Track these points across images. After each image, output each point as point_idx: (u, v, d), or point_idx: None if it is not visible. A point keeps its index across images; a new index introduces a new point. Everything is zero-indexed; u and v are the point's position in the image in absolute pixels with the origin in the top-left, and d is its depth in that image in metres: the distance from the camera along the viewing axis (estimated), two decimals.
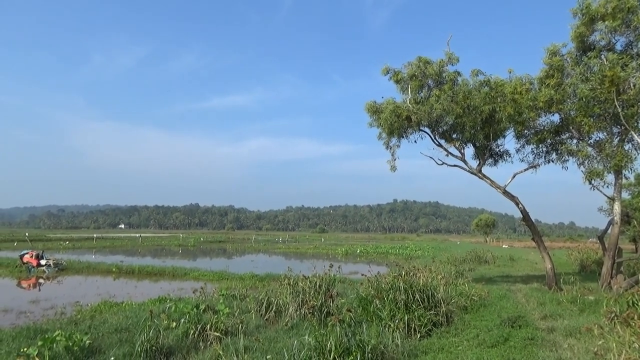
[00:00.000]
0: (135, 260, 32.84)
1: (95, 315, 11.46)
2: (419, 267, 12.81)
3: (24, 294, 18.21)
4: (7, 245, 50.28)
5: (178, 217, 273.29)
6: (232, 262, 34.44)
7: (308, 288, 10.48)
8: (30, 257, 25.29)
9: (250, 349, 7.51)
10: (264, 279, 20.14)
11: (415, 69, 17.15)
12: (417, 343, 8.17)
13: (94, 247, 51.47)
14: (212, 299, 12.67)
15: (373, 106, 17.63)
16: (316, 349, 6.88)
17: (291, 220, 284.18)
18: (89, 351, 7.80)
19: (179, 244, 60.91)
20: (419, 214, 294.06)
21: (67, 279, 21.90)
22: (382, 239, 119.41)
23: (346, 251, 47.14)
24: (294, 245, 64.65)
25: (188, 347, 8.40)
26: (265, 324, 10.26)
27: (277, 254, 46.61)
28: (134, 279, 22.38)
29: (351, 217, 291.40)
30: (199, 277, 22.23)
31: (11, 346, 8.15)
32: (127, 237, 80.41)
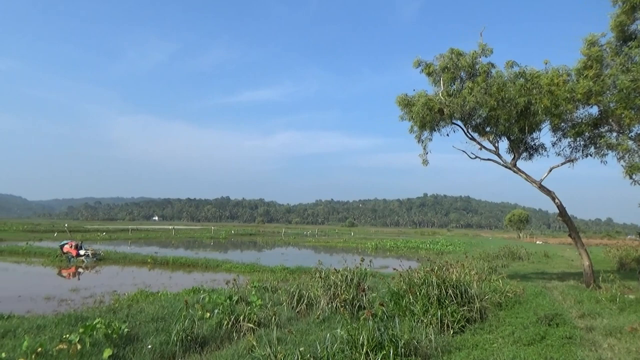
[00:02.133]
0: (169, 251, 33.62)
1: (132, 305, 11.77)
2: (451, 262, 12.67)
3: (64, 282, 18.91)
4: (48, 235, 52.27)
5: (209, 210, 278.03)
6: (263, 255, 34.82)
7: (339, 281, 10.49)
8: (70, 248, 26.23)
9: (283, 340, 7.59)
10: (295, 272, 20.29)
11: (447, 61, 16.84)
12: (450, 339, 8.07)
13: (129, 239, 52.95)
14: (245, 291, 12.85)
15: (404, 99, 17.41)
16: (348, 343, 6.89)
17: (320, 213, 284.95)
18: (127, 339, 8.04)
19: (211, 237, 61.97)
20: (450, 209, 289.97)
21: (105, 269, 22.62)
22: (412, 233, 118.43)
23: (376, 245, 46.97)
24: (323, 238, 64.86)
25: (222, 338, 8.56)
26: (297, 317, 10.35)
27: (306, 247, 46.87)
28: (168, 269, 22.92)
29: (380, 211, 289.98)
30: (231, 269, 22.58)
31: (54, 332, 8.48)
32: (160, 229, 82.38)
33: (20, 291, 15.12)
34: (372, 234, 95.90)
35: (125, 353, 7.38)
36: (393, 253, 39.85)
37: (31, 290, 15.47)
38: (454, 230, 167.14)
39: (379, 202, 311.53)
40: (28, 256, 27.76)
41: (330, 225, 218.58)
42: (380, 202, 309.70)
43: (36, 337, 7.89)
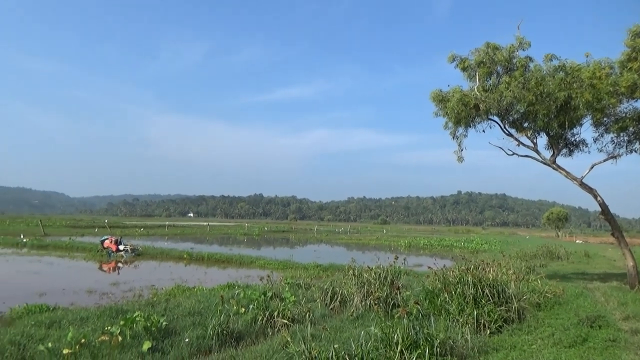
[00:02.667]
0: (204, 247, 34.26)
1: (170, 299, 12.07)
2: (487, 261, 12.41)
3: (105, 276, 19.56)
4: (89, 231, 54.17)
5: (243, 207, 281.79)
6: (295, 252, 35.04)
7: (373, 279, 10.44)
8: (110, 243, 27.09)
9: (317, 337, 7.62)
10: (328, 269, 20.33)
11: (483, 56, 16.46)
12: (487, 339, 7.92)
13: (166, 235, 54.28)
14: (278, 287, 12.97)
15: (439, 95, 17.13)
16: (383, 341, 6.86)
17: (352, 211, 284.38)
18: (165, 332, 8.26)
19: (244, 233, 62.79)
20: (485, 207, 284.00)
21: (143, 264, 23.27)
22: (445, 231, 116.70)
23: (409, 243, 46.51)
24: (355, 236, 64.72)
25: (257, 333, 8.68)
26: (331, 313, 10.38)
27: (339, 245, 46.87)
28: (203, 265, 23.37)
29: (413, 209, 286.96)
30: (265, 265, 22.82)
31: (96, 324, 8.80)
32: (196, 226, 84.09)
33: (64, 284, 15.73)
34: (404, 231, 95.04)
35: (163, 346, 7.58)
36: (426, 251, 39.39)
37: (74, 283, 16.08)
38: (489, 229, 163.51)
39: (411, 199, 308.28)
40: (71, 251, 28.87)
41: (362, 222, 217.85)
42: (413, 200, 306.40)
43: (80, 329, 8.21)
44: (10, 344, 7.36)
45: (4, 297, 13.17)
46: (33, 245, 31.78)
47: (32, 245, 31.54)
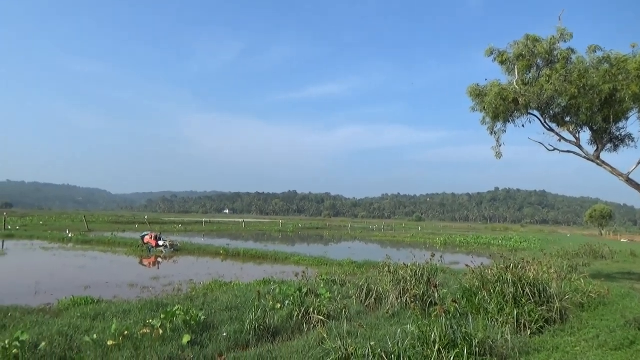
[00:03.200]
0: (240, 243, 34.79)
1: (208, 293, 12.32)
2: (528, 259, 12.08)
3: (145, 271, 20.15)
4: (130, 227, 55.93)
5: (277, 204, 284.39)
6: (330, 249, 35.11)
7: (409, 277, 10.34)
8: (150, 238, 27.88)
9: (353, 334, 7.61)
10: (362, 266, 20.28)
11: (522, 48, 16.01)
12: (528, 340, 7.71)
13: (202, 231, 55.44)
14: (313, 283, 13.02)
15: (476, 89, 16.77)
16: (420, 339, 6.79)
17: (387, 208, 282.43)
18: (204, 326, 8.43)
19: (279, 230, 63.39)
20: (524, 204, 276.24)
21: (181, 259, 23.84)
22: (482, 229, 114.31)
23: (445, 241, 45.81)
24: (390, 233, 64.29)
25: (292, 328, 8.75)
26: (366, 311, 10.35)
27: (373, 242, 46.68)
28: (239, 261, 23.74)
29: (449, 206, 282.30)
30: (299, 261, 22.97)
31: (138, 317, 9.08)
32: (231, 222, 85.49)
33: (108, 278, 16.30)
34: (440, 229, 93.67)
35: (202, 339, 7.74)
36: (463, 249, 38.69)
37: (117, 277, 16.65)
38: (528, 226, 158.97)
39: (447, 196, 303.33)
40: (113, 246, 29.89)
41: (396, 219, 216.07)
42: (449, 197, 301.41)
43: (122, 321, 8.49)
44: (58, 334, 7.69)
45: (51, 289, 13.78)
46: (78, 240, 33.07)
47: (77, 240, 32.83)
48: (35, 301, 11.76)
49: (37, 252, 25.67)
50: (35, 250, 26.60)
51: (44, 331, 7.86)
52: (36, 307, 10.53)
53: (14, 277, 16.17)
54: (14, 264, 20.41)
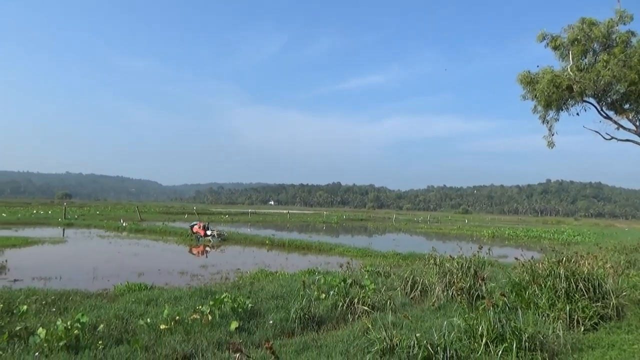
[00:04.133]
0: (285, 234, 35.26)
1: (254, 282, 12.60)
2: (582, 253, 11.59)
3: (194, 259, 20.82)
4: (179, 217, 57.86)
5: (321, 195, 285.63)
6: (374, 240, 34.99)
7: (455, 269, 10.16)
8: (199, 228, 28.74)
9: (398, 325, 7.59)
10: (407, 258, 20.10)
11: (577, 32, 15.29)
12: (581, 336, 7.42)
13: (248, 221, 56.55)
14: (358, 274, 13.05)
15: (527, 77, 16.19)
16: (466, 332, 6.69)
17: (432, 200, 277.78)
18: (250, 313, 8.64)
19: (323, 221, 63.73)
20: (577, 196, 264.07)
21: (228, 249, 24.46)
22: (533, 222, 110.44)
23: (492, 233, 44.61)
24: (435, 225, 63.28)
25: (337, 318, 8.82)
26: (411, 303, 10.27)
27: (418, 234, 46.12)
28: (284, 251, 24.09)
29: (497, 198, 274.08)
30: (344, 252, 23.04)
31: (188, 303, 9.41)
32: (276, 213, 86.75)
33: (159, 265, 16.97)
34: (487, 221, 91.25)
35: (249, 326, 7.94)
36: (512, 242, 37.57)
37: (168, 265, 17.30)
38: (581, 220, 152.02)
39: (495, 188, 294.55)
40: (164, 235, 31.04)
41: (442, 212, 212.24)
42: (497, 189, 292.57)
43: (174, 307, 8.82)
44: (115, 317, 8.11)
45: (108, 275, 14.51)
46: (131, 229, 34.60)
47: (131, 230, 34.35)
48: (94, 286, 12.43)
49: (95, 240, 27.07)
50: (92, 238, 28.06)
51: (102, 314, 8.31)
52: (94, 292, 11.12)
53: (74, 263, 17.13)
54: (74, 251, 21.61)
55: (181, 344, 6.85)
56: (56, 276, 14.02)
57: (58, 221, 41.10)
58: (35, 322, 7.62)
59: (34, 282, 12.70)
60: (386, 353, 6.26)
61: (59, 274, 14.28)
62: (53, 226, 37.41)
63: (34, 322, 7.69)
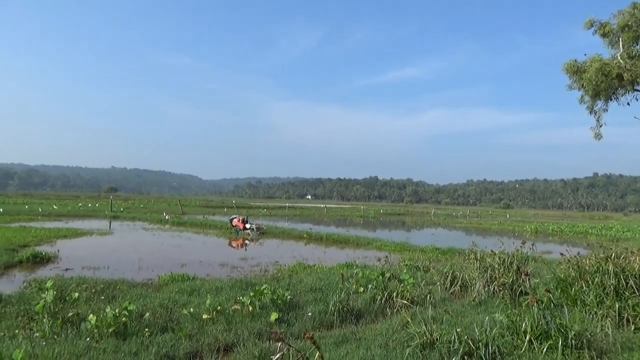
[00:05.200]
0: (322, 228, 35.40)
1: (292, 275, 12.73)
2: (632, 249, 11.09)
3: (234, 252, 21.23)
4: (219, 210, 59.08)
5: (358, 190, 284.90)
6: (412, 235, 34.66)
7: (497, 264, 9.95)
8: (238, 221, 29.25)
9: (438, 320, 7.51)
10: (446, 253, 19.80)
11: (628, 18, 14.56)
12: (632, 335, 7.13)
13: (286, 215, 57.11)
14: (396, 268, 12.97)
15: (573, 65, 15.57)
16: (509, 328, 6.56)
17: (472, 194, 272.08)
18: (290, 305, 8.75)
19: (360, 215, 63.57)
20: (627, 190, 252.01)
21: (267, 242, 24.79)
22: (578, 217, 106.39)
23: (535, 229, 43.29)
24: (475, 220, 62.01)
25: (375, 312, 8.80)
26: (451, 298, 10.14)
27: (457, 229, 45.30)
28: (322, 245, 24.20)
29: (540, 192, 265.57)
30: (381, 247, 22.93)
31: (229, 294, 9.62)
32: (313, 207, 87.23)
33: (201, 257, 17.40)
34: (530, 216, 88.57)
35: (289, 318, 8.04)
36: (556, 238, 36.35)
37: (209, 256, 17.72)
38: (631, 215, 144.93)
39: (538, 182, 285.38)
40: (205, 228, 31.79)
41: (482, 206, 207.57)
42: (540, 183, 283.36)
43: (215, 297, 9.04)
44: (160, 306, 8.40)
45: (153, 266, 15.00)
46: (174, 222, 35.62)
47: (173, 222, 35.36)
48: (139, 276, 12.89)
49: (139, 232, 28.04)
50: (137, 230, 29.08)
51: (148, 303, 8.62)
52: (140, 282, 11.54)
53: (120, 254, 17.80)
54: (120, 242, 22.46)
55: (223, 333, 7.03)
56: (104, 266, 14.63)
57: (105, 214, 42.81)
58: (86, 309, 7.99)
59: (84, 271, 13.28)
60: (426, 347, 6.21)
61: (106, 264, 14.89)
62: (100, 218, 38.99)
63: (85, 308, 8.06)
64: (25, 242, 19.02)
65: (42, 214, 39.49)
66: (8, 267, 13.79)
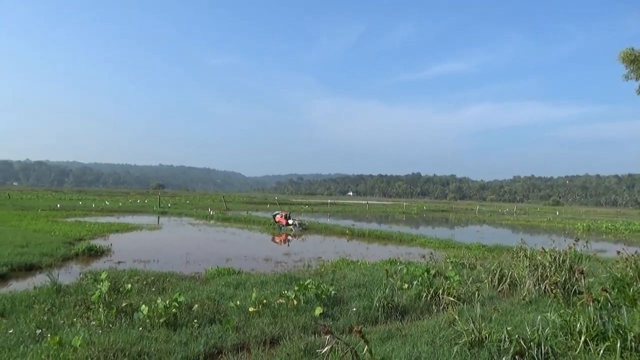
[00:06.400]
0: (364, 224, 35.27)
1: (335, 270, 12.75)
2: None
3: (277, 247, 21.49)
4: (262, 207, 59.96)
5: (401, 186, 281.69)
6: (456, 232, 33.94)
7: (548, 262, 9.59)
8: (281, 217, 29.60)
9: (486, 318, 7.33)
10: (493, 250, 19.28)
11: None
12: None
13: (328, 211, 57.26)
14: (441, 265, 12.76)
15: (630, 54, 14.76)
16: (562, 328, 6.31)
17: (519, 190, 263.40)
18: (334, 300, 8.78)
19: (403, 212, 62.92)
20: None
21: (309, 238, 24.95)
22: (635, 215, 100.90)
23: (588, 226, 41.44)
24: (522, 217, 60.02)
25: (421, 309, 8.69)
26: (498, 296, 9.87)
27: (503, 226, 44.01)
28: (364, 241, 24.12)
29: (593, 189, 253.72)
30: (425, 243, 22.60)
31: (274, 288, 9.75)
32: (355, 204, 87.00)
33: (245, 252, 17.74)
34: (581, 214, 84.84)
35: (333, 312, 8.07)
36: (610, 236, 34.66)
37: (253, 251, 18.03)
38: None
39: (590, 178, 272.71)
40: (248, 223, 32.37)
41: (530, 203, 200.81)
42: (593, 179, 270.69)
43: (261, 291, 9.18)
44: (207, 299, 8.62)
45: (199, 260, 15.42)
46: (218, 217, 36.48)
47: (218, 218, 36.22)
48: (187, 269, 13.29)
49: (186, 227, 28.89)
50: (184, 226, 29.96)
51: (196, 295, 8.87)
52: (188, 275, 11.88)
53: (169, 248, 18.39)
54: (168, 237, 23.21)
55: (269, 326, 7.13)
56: (154, 259, 15.16)
57: (153, 209, 44.38)
58: (138, 300, 8.31)
59: (135, 264, 13.82)
60: (474, 346, 6.07)
61: (156, 258, 15.42)
62: (149, 214, 40.45)
63: (137, 299, 8.38)
64: (80, 236, 19.99)
65: (95, 210, 41.39)
66: (65, 260, 14.54)
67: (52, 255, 14.45)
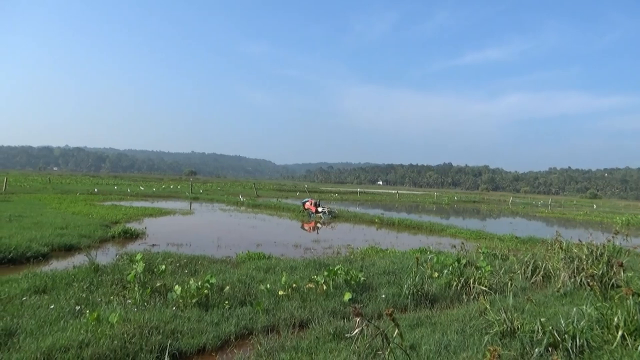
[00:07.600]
0: (394, 214, 35.02)
1: (365, 258, 12.75)
2: None
3: (307, 234, 21.60)
4: (292, 194, 60.33)
5: (431, 176, 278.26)
6: (487, 223, 33.35)
7: (585, 255, 9.32)
8: (310, 205, 29.71)
9: (518, 309, 7.20)
10: (526, 242, 18.85)
11: None
12: None
13: (357, 200, 57.11)
14: (472, 256, 12.58)
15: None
16: (598, 322, 6.15)
17: (554, 182, 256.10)
18: (363, 287, 8.80)
19: (433, 202, 62.16)
20: None
21: (339, 225, 24.96)
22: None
23: (627, 221, 39.93)
24: (558, 210, 58.37)
25: (451, 297, 8.61)
26: (531, 287, 9.68)
27: (537, 219, 42.92)
28: (394, 230, 23.97)
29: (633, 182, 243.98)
30: (456, 234, 22.30)
31: (304, 273, 9.83)
32: (385, 193, 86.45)
33: (275, 238, 17.91)
34: (620, 207, 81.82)
35: (362, 298, 8.09)
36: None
37: (283, 237, 18.19)
38: None
39: (631, 171, 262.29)
40: (278, 210, 32.63)
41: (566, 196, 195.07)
42: (634, 172, 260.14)
43: (290, 275, 9.27)
44: (238, 282, 8.78)
45: (231, 244, 15.67)
46: (249, 204, 36.92)
47: (248, 204, 36.66)
48: (218, 253, 13.53)
49: (217, 213, 29.37)
50: (215, 211, 30.47)
51: (227, 278, 9.04)
52: (219, 258, 12.10)
53: (201, 232, 18.75)
54: (200, 222, 23.66)
55: (298, 309, 7.22)
56: (186, 243, 15.49)
57: (186, 195, 45.28)
58: (172, 281, 8.53)
59: (169, 247, 14.16)
60: (506, 336, 5.99)
61: (188, 241, 15.76)
62: (182, 199, 41.30)
63: (170, 280, 8.60)
64: (116, 219, 20.60)
65: (130, 194, 42.54)
66: (103, 241, 15.03)
67: (90, 237, 14.95)
